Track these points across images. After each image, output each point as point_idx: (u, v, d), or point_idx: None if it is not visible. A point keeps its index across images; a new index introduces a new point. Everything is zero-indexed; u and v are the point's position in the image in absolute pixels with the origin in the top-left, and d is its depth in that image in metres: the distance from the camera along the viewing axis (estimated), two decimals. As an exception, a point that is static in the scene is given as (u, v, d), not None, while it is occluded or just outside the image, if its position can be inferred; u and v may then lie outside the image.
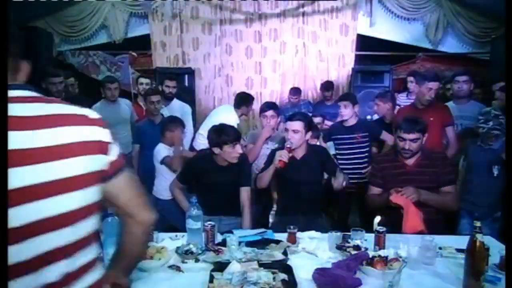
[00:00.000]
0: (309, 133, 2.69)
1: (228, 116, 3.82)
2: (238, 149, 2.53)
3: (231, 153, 2.51)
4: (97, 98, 4.21)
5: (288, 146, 2.59)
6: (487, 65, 5.16)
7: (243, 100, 4.07)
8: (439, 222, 2.46)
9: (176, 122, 3.44)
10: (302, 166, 2.67)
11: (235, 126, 3.02)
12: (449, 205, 2.42)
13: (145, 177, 3.72)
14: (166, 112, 4.10)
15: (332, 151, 3.56)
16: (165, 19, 5.72)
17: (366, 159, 3.48)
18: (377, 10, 5.73)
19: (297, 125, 2.63)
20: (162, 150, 3.27)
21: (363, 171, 3.44)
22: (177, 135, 3.35)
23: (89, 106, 4.04)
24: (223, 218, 2.55)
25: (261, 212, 3.15)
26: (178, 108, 4.31)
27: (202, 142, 3.72)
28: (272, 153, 2.71)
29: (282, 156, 2.54)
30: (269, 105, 3.56)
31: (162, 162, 3.23)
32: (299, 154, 2.70)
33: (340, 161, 3.51)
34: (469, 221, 2.85)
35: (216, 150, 2.53)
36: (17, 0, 4.01)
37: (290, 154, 2.59)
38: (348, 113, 3.47)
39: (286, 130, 2.69)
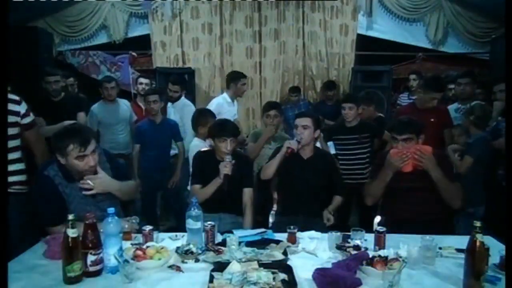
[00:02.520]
0: (318, 131, 2.73)
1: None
2: (227, 145, 2.54)
3: (220, 147, 2.56)
4: (96, 98, 4.22)
5: (297, 139, 2.63)
6: (487, 65, 5.17)
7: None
8: (440, 222, 2.46)
9: (206, 114, 3.38)
10: (308, 167, 2.69)
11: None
12: (455, 194, 2.39)
13: (146, 177, 3.74)
14: (171, 110, 4.13)
15: (332, 151, 3.57)
16: (165, 19, 5.72)
17: (367, 159, 3.49)
18: (377, 10, 5.73)
19: (307, 120, 2.68)
20: (197, 145, 3.20)
21: (364, 171, 3.44)
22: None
23: (88, 105, 4.09)
24: (224, 216, 2.56)
25: (261, 212, 3.15)
26: (181, 106, 4.32)
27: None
28: (278, 149, 2.73)
29: (291, 144, 2.60)
30: (272, 105, 3.58)
31: None
32: (307, 154, 2.72)
33: (341, 161, 3.52)
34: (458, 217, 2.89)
35: (210, 141, 2.62)
36: (17, 0, 4.02)
37: (299, 146, 2.62)
38: (352, 115, 3.48)
39: (296, 126, 2.72)
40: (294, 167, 2.66)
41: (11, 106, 2.44)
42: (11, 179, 2.35)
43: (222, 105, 3.97)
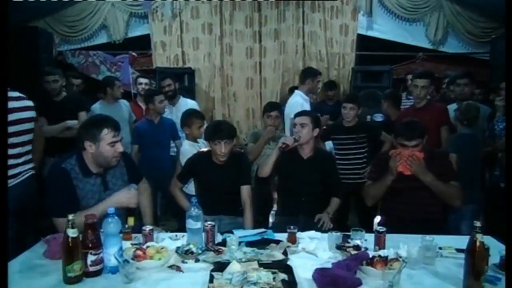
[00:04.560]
0: (316, 130, 2.72)
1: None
2: (222, 147, 2.52)
3: (215, 149, 2.54)
4: (96, 98, 4.24)
5: (295, 137, 2.63)
6: (487, 65, 5.17)
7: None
8: (440, 221, 2.46)
9: (191, 116, 3.35)
10: (307, 166, 2.68)
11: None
12: (451, 195, 2.39)
13: (146, 177, 3.72)
14: (171, 110, 4.13)
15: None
16: (165, 19, 5.72)
17: (364, 159, 3.49)
18: (377, 10, 5.73)
19: (305, 119, 2.68)
20: (189, 149, 3.16)
21: (361, 171, 3.44)
22: (194, 129, 3.28)
23: (89, 105, 4.09)
24: (224, 217, 2.55)
25: (261, 212, 3.16)
26: (183, 107, 4.30)
27: None
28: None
29: (287, 140, 2.60)
30: (273, 105, 3.58)
31: None
32: (306, 153, 2.72)
33: (338, 161, 3.52)
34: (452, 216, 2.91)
35: (207, 143, 2.64)
36: (17, 0, 4.02)
37: (295, 143, 2.63)
38: (352, 116, 3.48)
39: (294, 125, 2.72)
40: (294, 167, 2.66)
41: (27, 103, 2.74)
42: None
43: (304, 104, 3.88)
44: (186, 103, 4.29)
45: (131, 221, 2.06)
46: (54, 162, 2.21)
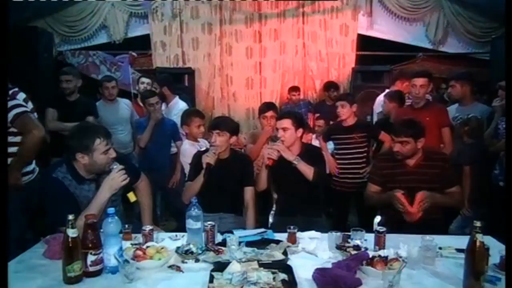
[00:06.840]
0: (300, 130, 2.64)
1: None
2: (215, 138, 2.54)
3: (211, 139, 2.57)
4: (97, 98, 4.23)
5: (277, 144, 2.55)
6: (487, 65, 5.17)
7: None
8: (439, 221, 2.46)
9: (190, 115, 3.34)
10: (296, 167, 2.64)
11: None
12: (453, 204, 2.43)
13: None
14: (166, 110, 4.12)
15: (330, 150, 3.59)
16: (165, 19, 5.73)
17: (364, 159, 3.48)
18: (377, 10, 5.74)
19: (286, 122, 2.59)
20: (189, 149, 3.14)
21: (361, 171, 3.44)
22: (194, 128, 3.27)
23: (96, 109, 4.04)
24: (224, 215, 2.55)
25: (261, 212, 3.15)
26: (179, 110, 4.29)
27: None
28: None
29: (271, 154, 2.51)
30: (268, 106, 3.56)
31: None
32: (294, 153, 2.67)
33: (338, 161, 3.52)
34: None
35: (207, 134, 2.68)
36: (17, 0, 4.02)
37: (279, 154, 2.53)
38: (345, 113, 3.48)
39: (277, 129, 2.65)
40: (284, 168, 2.59)
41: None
42: None
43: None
44: (178, 106, 4.24)
45: (132, 196, 2.05)
46: (44, 172, 2.17)
